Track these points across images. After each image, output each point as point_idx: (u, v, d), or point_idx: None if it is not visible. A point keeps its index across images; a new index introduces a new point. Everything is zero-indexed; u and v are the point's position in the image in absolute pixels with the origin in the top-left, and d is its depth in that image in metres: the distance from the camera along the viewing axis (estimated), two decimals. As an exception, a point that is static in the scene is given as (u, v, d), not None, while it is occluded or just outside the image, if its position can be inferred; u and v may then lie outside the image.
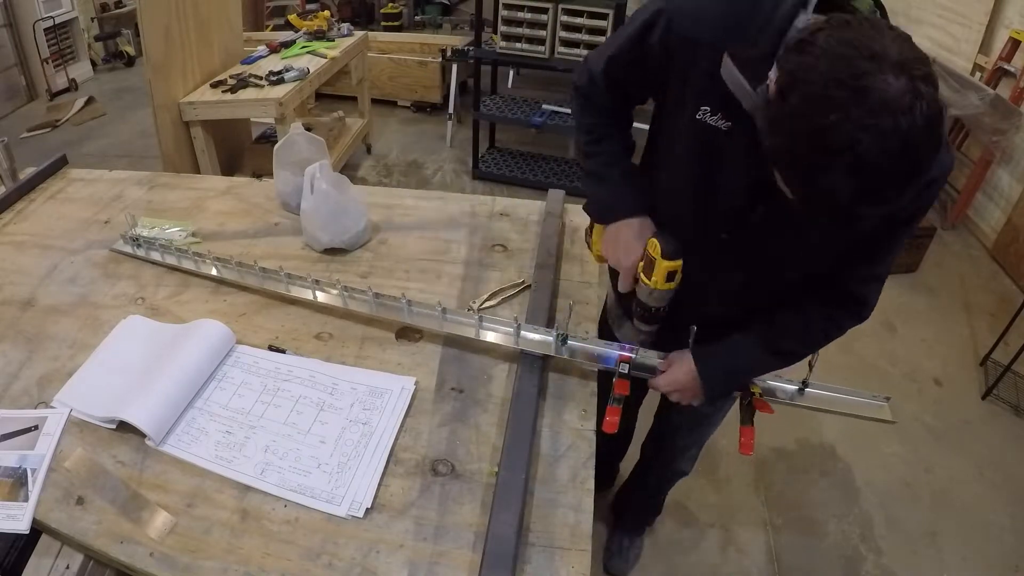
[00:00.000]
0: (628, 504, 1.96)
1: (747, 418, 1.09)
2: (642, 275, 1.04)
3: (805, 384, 1.13)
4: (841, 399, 1.12)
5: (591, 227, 1.21)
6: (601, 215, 1.15)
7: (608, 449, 1.93)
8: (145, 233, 1.44)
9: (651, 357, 1.14)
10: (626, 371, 1.11)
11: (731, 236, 1.01)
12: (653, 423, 1.70)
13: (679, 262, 1.01)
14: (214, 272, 1.34)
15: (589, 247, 1.25)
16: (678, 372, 1.10)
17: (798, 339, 1.08)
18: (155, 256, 1.40)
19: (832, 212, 0.75)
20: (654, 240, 1.01)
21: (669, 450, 1.64)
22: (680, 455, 1.64)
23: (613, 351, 1.13)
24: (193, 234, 1.48)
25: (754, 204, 0.95)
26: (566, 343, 1.14)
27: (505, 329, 1.17)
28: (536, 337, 1.15)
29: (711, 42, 0.88)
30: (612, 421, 1.09)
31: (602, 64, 1.06)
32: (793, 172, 0.75)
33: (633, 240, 1.07)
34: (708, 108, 0.92)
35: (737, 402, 1.14)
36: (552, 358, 1.15)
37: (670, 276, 1.01)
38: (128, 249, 1.42)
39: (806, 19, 0.79)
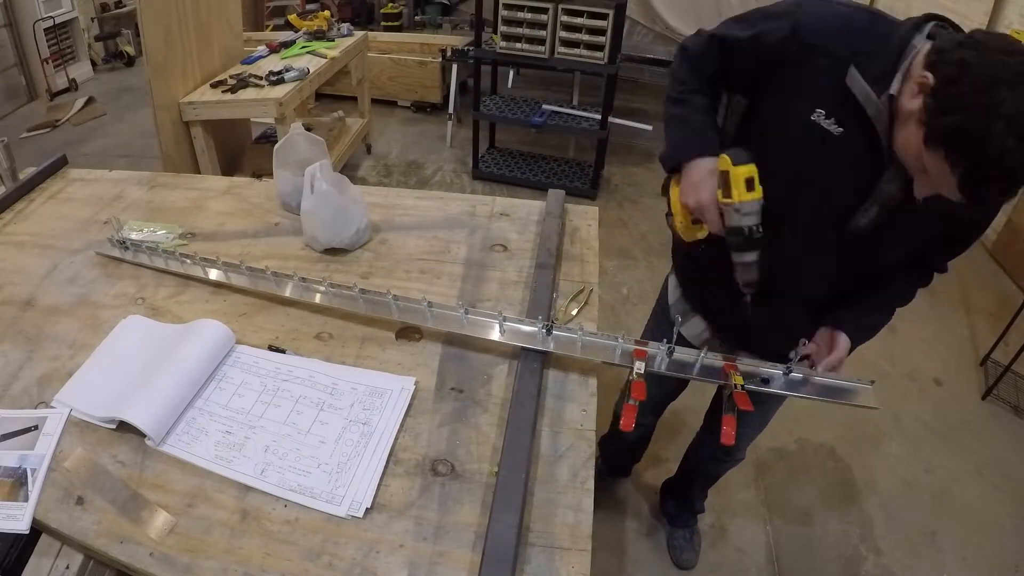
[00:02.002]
0: (684, 497, 1.99)
1: (729, 407, 1.09)
2: (723, 200, 1.04)
3: (789, 369, 1.12)
4: (825, 383, 1.12)
5: (668, 196, 1.19)
6: (675, 154, 1.17)
7: (635, 445, 2.01)
8: (134, 236, 1.43)
9: (690, 354, 1.13)
10: (642, 370, 1.08)
11: (837, 235, 1.08)
12: (708, 417, 1.74)
13: (752, 166, 1.02)
14: (200, 273, 1.34)
15: (669, 223, 1.22)
16: (842, 351, 1.15)
17: (903, 302, 1.23)
18: (143, 259, 1.39)
19: (1001, 184, 0.83)
20: (723, 156, 1.03)
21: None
22: (739, 445, 1.69)
23: (611, 341, 1.13)
24: (183, 236, 1.48)
25: (860, 205, 1.04)
26: (551, 333, 1.14)
27: (489, 321, 1.18)
28: (521, 328, 1.16)
29: (838, 56, 0.98)
30: (628, 422, 1.06)
31: (727, 35, 1.12)
32: (965, 144, 0.82)
33: (708, 175, 1.09)
34: (823, 111, 1.01)
35: (721, 397, 1.15)
36: (552, 357, 1.15)
37: (749, 185, 1.01)
38: (115, 253, 1.41)
39: (921, 38, 0.93)
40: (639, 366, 1.09)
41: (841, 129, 1.00)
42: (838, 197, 1.06)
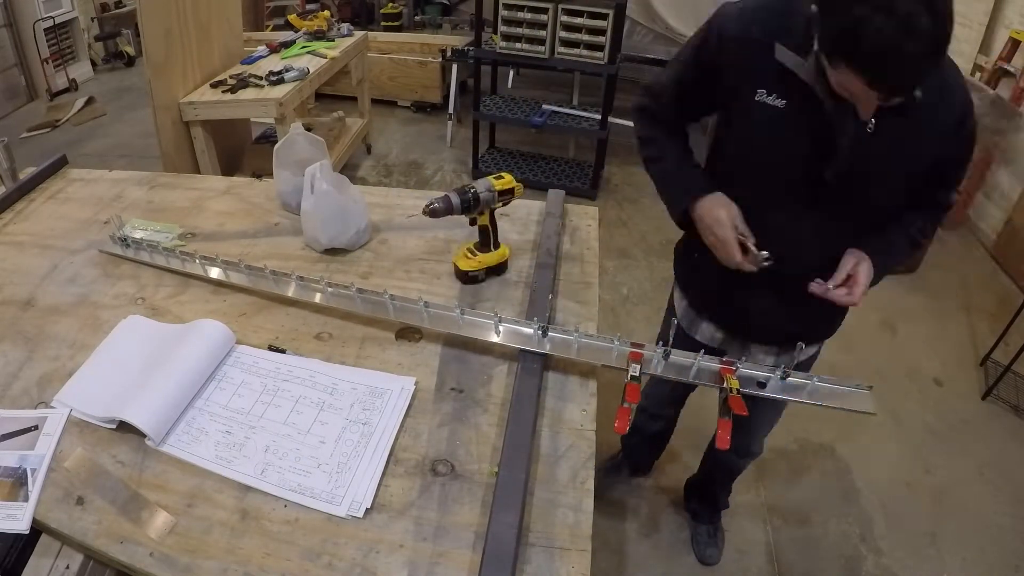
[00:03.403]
0: (707, 494, 2.01)
1: (724, 411, 1.09)
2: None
3: (786, 373, 1.13)
4: (822, 388, 1.12)
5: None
6: (675, 205, 1.28)
7: (656, 440, 2.05)
8: (136, 235, 1.44)
9: (687, 357, 1.13)
10: (637, 373, 1.09)
11: (813, 195, 1.14)
12: None
13: None
14: (201, 271, 1.34)
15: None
16: (864, 275, 1.17)
17: (925, 233, 1.26)
18: (143, 256, 1.40)
19: (897, 65, 0.87)
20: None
21: (744, 437, 1.69)
22: (754, 440, 1.73)
23: (610, 344, 1.13)
24: (182, 236, 1.48)
25: (823, 166, 1.10)
26: (546, 335, 1.14)
27: (485, 322, 1.18)
28: (518, 330, 1.16)
29: (762, 39, 1.06)
30: (621, 425, 1.06)
31: (668, 82, 1.26)
32: (849, 43, 0.88)
33: (717, 208, 1.19)
34: (764, 90, 1.10)
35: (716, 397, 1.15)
36: (552, 357, 1.15)
37: None
38: (117, 250, 1.41)
39: None
40: (634, 368, 1.10)
41: (785, 101, 1.08)
42: (807, 161, 1.12)
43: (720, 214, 1.18)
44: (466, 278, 1.34)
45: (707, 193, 1.22)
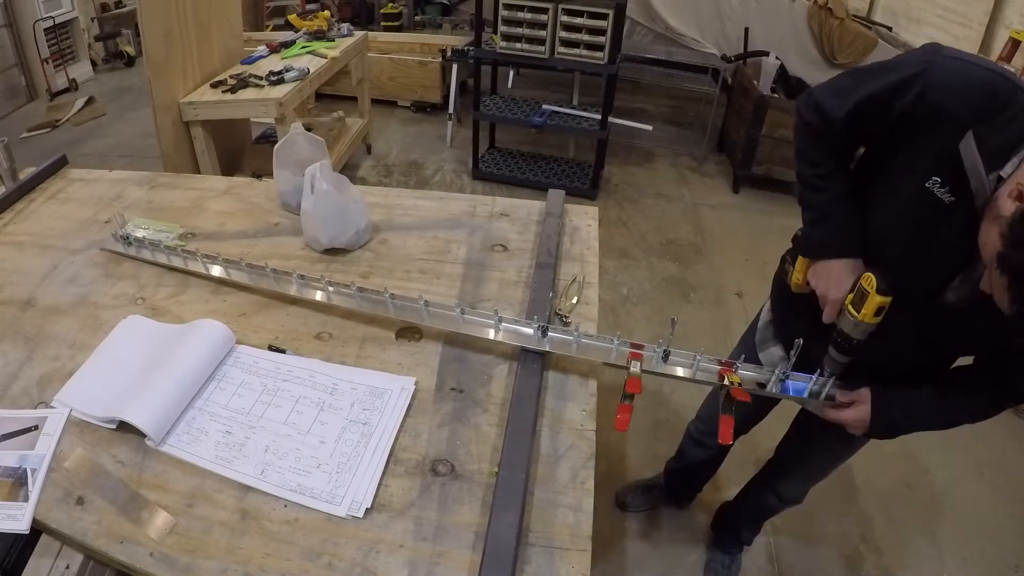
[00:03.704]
0: (733, 525, 1.93)
1: (727, 407, 1.09)
2: (850, 307, 1.05)
3: (785, 374, 1.14)
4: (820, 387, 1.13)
5: (794, 254, 1.24)
6: (817, 251, 1.15)
7: (700, 469, 1.92)
8: (137, 233, 1.44)
9: (686, 357, 1.14)
10: (637, 369, 1.09)
11: (926, 307, 1.03)
12: (778, 453, 1.65)
13: (890, 298, 1.01)
14: (203, 269, 1.34)
15: (786, 275, 1.27)
16: (861, 412, 1.12)
17: (966, 412, 1.13)
18: (145, 254, 1.40)
19: None
20: (870, 275, 1.02)
21: (793, 480, 1.63)
22: (800, 487, 1.64)
23: (609, 344, 1.13)
24: (183, 236, 1.48)
25: (952, 280, 0.98)
26: (547, 335, 1.15)
27: (485, 322, 1.18)
28: (518, 329, 1.16)
29: (960, 119, 0.89)
30: (622, 419, 1.07)
31: (849, 106, 1.04)
32: (1020, 289, 0.79)
33: (846, 275, 1.08)
34: (939, 179, 0.94)
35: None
36: (552, 357, 1.15)
37: (879, 311, 1.02)
38: (119, 248, 1.42)
39: None
40: (635, 366, 1.10)
41: (953, 199, 0.93)
42: (935, 268, 1.01)
43: (847, 283, 1.07)
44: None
45: (849, 255, 1.10)
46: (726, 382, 1.09)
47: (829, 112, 1.07)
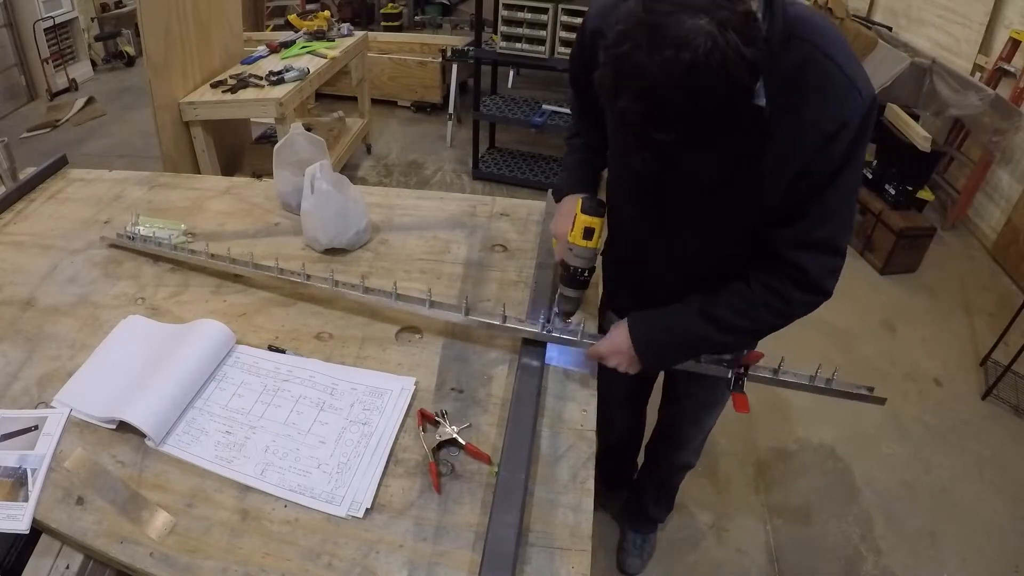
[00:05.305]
0: (639, 502, 1.95)
1: (738, 387, 1.10)
2: (568, 236, 1.09)
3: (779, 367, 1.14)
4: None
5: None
6: (555, 194, 1.31)
7: (620, 450, 1.93)
8: (141, 231, 1.44)
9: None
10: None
11: (651, 201, 1.07)
12: (657, 419, 1.70)
13: (597, 219, 1.05)
14: (206, 266, 1.34)
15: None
16: (616, 336, 1.10)
17: (736, 310, 1.03)
18: (152, 249, 1.40)
19: (631, 134, 0.82)
20: (580, 198, 1.08)
21: (673, 443, 1.66)
22: (684, 447, 1.66)
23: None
24: (185, 234, 1.48)
25: (652, 171, 0.98)
26: (550, 334, 1.15)
27: (490, 320, 1.18)
28: (521, 328, 1.17)
29: (599, 29, 1.00)
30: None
31: (572, 70, 1.25)
32: (603, 99, 0.81)
33: (571, 208, 1.12)
34: None
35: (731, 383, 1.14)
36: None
37: (587, 233, 1.05)
38: (126, 243, 1.42)
39: None
40: None
41: None
42: (630, 168, 1.07)
43: (571, 215, 1.10)
44: None
45: (576, 191, 1.20)
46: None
47: (571, 78, 1.27)
